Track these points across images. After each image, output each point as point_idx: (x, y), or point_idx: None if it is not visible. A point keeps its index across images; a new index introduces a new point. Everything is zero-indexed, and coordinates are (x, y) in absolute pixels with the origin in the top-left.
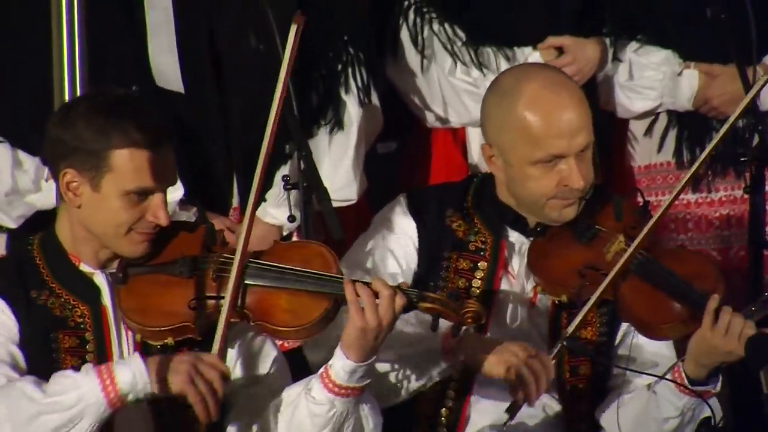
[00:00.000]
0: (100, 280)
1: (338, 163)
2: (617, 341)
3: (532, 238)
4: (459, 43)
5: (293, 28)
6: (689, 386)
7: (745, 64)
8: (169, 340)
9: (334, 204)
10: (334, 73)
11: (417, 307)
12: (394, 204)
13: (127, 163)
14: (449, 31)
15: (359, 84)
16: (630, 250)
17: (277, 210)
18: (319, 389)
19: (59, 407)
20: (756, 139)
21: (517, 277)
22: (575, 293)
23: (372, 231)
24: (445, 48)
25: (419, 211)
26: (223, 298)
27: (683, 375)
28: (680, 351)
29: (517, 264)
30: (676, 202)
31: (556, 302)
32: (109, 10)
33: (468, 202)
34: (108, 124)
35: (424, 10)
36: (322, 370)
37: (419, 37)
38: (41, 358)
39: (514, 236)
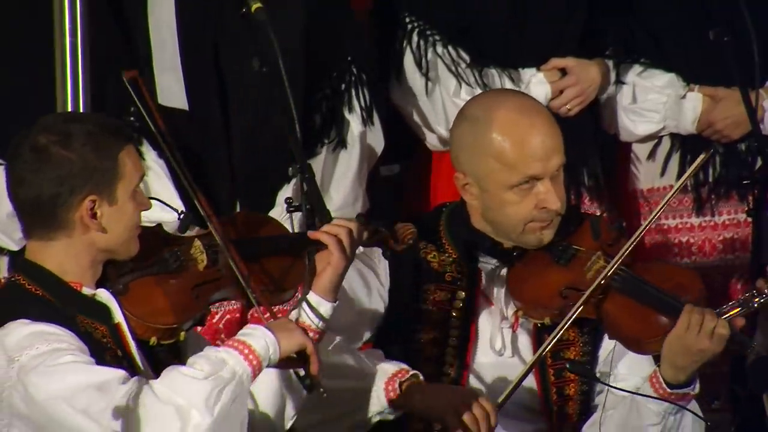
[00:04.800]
0: (105, 296)
1: (340, 182)
2: (600, 360)
3: (509, 264)
4: (463, 65)
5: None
6: (668, 389)
7: (748, 87)
8: (182, 335)
9: None
10: (337, 93)
11: (374, 240)
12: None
13: (130, 162)
14: (453, 53)
15: (362, 104)
16: (611, 266)
17: None
18: None
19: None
20: (759, 162)
21: (496, 304)
22: (558, 315)
23: None
24: (450, 70)
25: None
26: (219, 279)
27: (661, 379)
28: None
29: (496, 290)
30: (680, 226)
31: (539, 325)
32: (110, 31)
33: (441, 232)
34: (103, 133)
35: (428, 32)
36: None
37: (423, 60)
38: None
39: (490, 263)
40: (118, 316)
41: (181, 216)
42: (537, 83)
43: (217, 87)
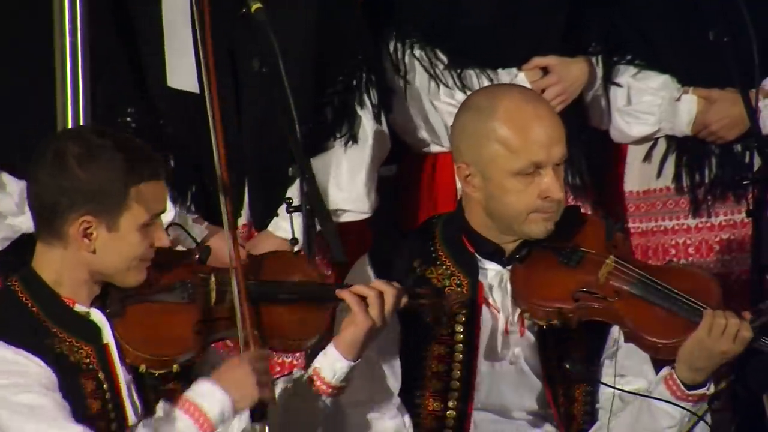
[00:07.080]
0: (98, 317)
1: (355, 175)
2: (605, 363)
3: (509, 267)
4: (441, 66)
5: None
6: (686, 391)
7: (747, 87)
8: (175, 367)
9: (351, 216)
10: (349, 89)
11: (416, 305)
12: (357, 267)
13: (145, 197)
14: (431, 54)
15: (373, 101)
16: (632, 270)
17: (288, 224)
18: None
19: None
20: (757, 162)
21: (500, 311)
22: (568, 317)
23: None
24: (427, 72)
25: (383, 271)
26: (227, 319)
27: (678, 381)
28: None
29: (499, 297)
30: (677, 227)
31: (544, 327)
32: (108, 32)
33: (435, 245)
34: (126, 162)
35: (406, 34)
36: (311, 373)
37: (401, 63)
38: (74, 407)
39: (491, 269)
40: (108, 338)
41: (203, 249)
42: (518, 83)
43: (230, 77)
